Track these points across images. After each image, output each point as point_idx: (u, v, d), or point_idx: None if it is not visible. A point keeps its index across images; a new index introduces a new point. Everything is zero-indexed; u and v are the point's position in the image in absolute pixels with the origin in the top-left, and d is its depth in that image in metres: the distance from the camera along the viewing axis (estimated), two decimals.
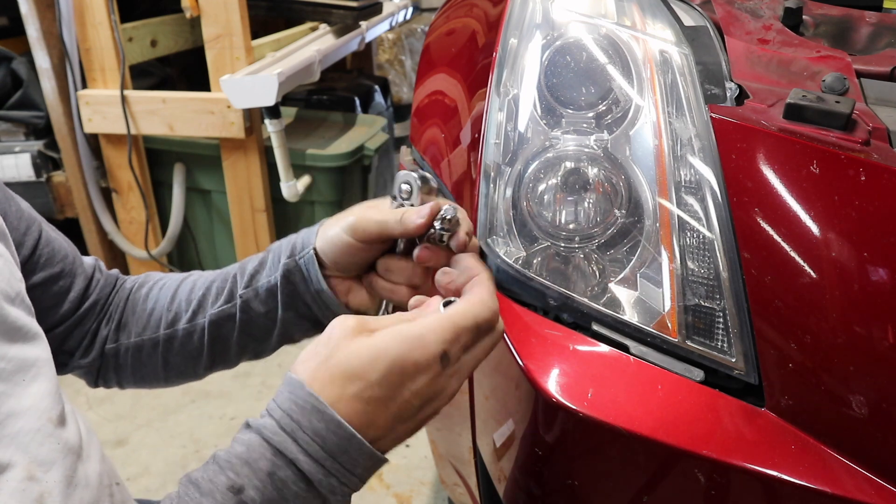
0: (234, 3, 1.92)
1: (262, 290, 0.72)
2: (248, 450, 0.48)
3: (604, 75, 0.72)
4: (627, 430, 0.56)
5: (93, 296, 0.75)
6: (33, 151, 2.17)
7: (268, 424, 0.49)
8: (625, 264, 0.65)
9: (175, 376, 0.78)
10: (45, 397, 0.44)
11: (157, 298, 0.76)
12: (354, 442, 0.49)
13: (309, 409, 0.48)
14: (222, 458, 0.48)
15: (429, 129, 0.98)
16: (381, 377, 0.49)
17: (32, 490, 0.40)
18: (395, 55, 3.88)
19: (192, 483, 0.48)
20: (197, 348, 0.75)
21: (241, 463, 0.48)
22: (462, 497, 1.06)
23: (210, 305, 0.74)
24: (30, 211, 0.70)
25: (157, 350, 0.76)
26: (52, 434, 0.43)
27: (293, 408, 0.49)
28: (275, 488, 0.47)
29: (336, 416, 0.48)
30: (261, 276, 0.72)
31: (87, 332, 0.76)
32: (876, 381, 0.53)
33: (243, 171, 2.12)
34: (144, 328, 0.76)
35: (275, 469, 0.47)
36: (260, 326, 0.74)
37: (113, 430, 1.88)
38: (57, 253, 0.71)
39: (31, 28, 1.99)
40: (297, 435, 0.48)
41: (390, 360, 0.49)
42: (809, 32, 0.84)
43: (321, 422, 0.48)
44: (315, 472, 0.48)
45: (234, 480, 0.47)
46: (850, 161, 0.57)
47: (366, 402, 0.49)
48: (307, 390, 0.49)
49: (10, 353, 0.44)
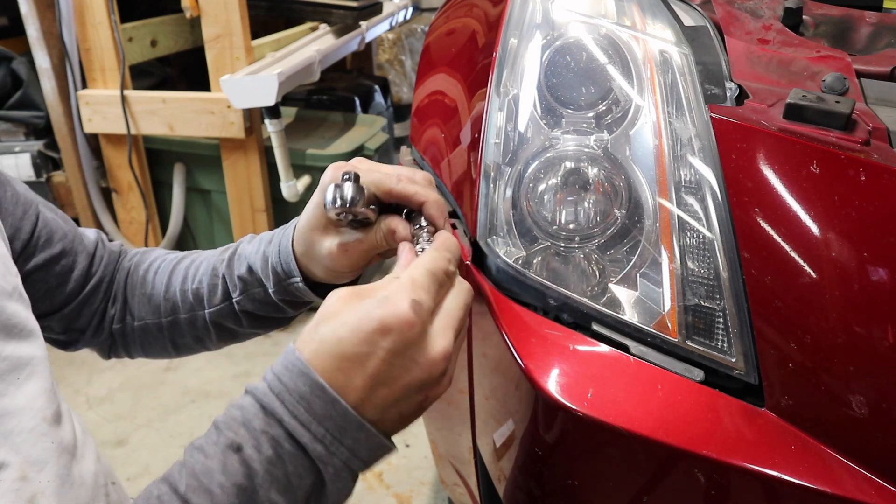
0: (234, 3, 1.92)
1: (258, 298, 0.73)
2: (242, 412, 0.49)
3: (604, 75, 0.72)
4: (627, 430, 0.56)
5: (98, 273, 0.76)
6: (33, 151, 2.17)
7: (259, 386, 0.50)
8: (625, 264, 0.65)
9: (186, 352, 0.80)
10: (39, 396, 0.44)
11: (154, 284, 0.77)
12: (338, 407, 0.48)
13: (296, 372, 0.49)
14: (220, 421, 0.50)
15: (429, 129, 0.98)
16: (350, 333, 0.49)
17: (25, 490, 0.40)
18: (395, 55, 3.88)
19: (196, 448, 0.49)
20: (203, 333, 0.77)
21: (237, 424, 0.49)
22: (462, 497, 1.06)
23: (207, 304, 0.75)
24: (26, 193, 0.70)
25: (163, 333, 0.78)
26: (47, 433, 0.43)
27: (283, 370, 0.50)
28: (270, 446, 0.48)
29: (319, 379, 0.48)
30: (252, 287, 0.73)
31: (96, 311, 0.77)
32: (876, 381, 0.53)
33: (243, 171, 2.12)
34: (147, 312, 0.77)
35: (267, 427, 0.48)
36: (267, 317, 0.76)
37: (113, 430, 1.88)
38: (55, 233, 0.72)
39: (31, 28, 1.99)
40: (283, 396, 0.49)
41: (358, 317, 0.49)
42: (809, 32, 0.84)
43: (306, 385, 0.49)
44: (302, 434, 0.48)
45: (233, 439, 0.48)
46: (850, 161, 0.57)
47: (338, 357, 0.49)
48: (296, 354, 0.50)
49: (5, 351, 0.44)
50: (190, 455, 0.49)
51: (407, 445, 1.81)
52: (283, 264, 0.71)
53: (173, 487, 0.47)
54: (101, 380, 2.07)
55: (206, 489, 0.46)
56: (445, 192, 0.87)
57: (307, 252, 0.69)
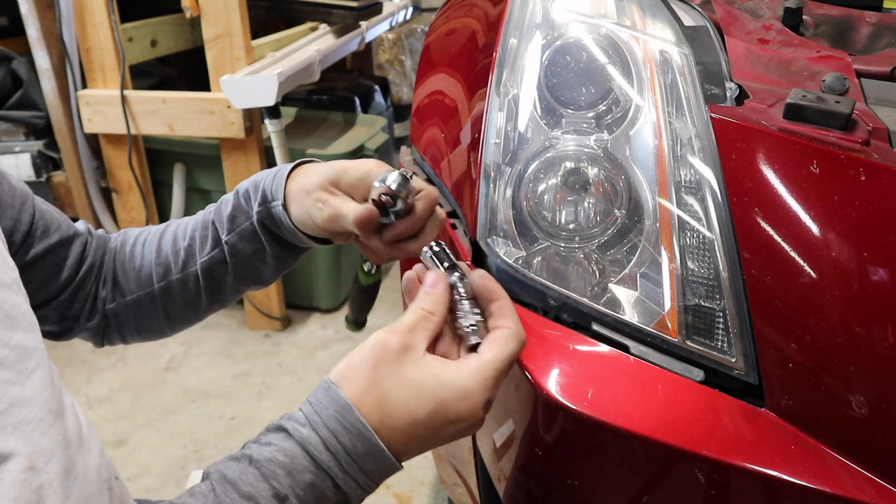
0: (234, 3, 1.92)
1: (245, 233, 0.75)
2: (291, 461, 0.51)
3: (604, 75, 0.72)
4: (627, 430, 0.56)
5: (88, 259, 0.78)
6: (33, 151, 2.17)
7: (313, 441, 0.52)
8: (625, 264, 0.65)
9: (178, 323, 0.82)
10: (45, 387, 0.44)
11: (143, 255, 0.79)
12: (389, 464, 0.53)
13: (356, 433, 0.51)
14: (263, 464, 0.51)
15: (429, 129, 0.98)
16: (426, 419, 0.53)
17: (33, 481, 0.40)
18: (395, 55, 3.88)
19: (229, 483, 0.50)
20: (194, 294, 0.78)
21: (284, 473, 0.51)
22: (462, 497, 1.06)
23: (198, 254, 0.77)
24: (21, 186, 0.71)
25: (156, 302, 0.79)
26: (53, 425, 0.43)
27: (340, 429, 0.52)
28: (314, 496, 0.51)
29: (380, 444, 0.52)
30: (239, 219, 0.75)
31: (88, 295, 0.78)
32: (876, 381, 0.53)
33: (243, 171, 2.12)
34: (139, 285, 0.79)
35: (316, 480, 0.51)
36: (252, 265, 0.77)
37: (113, 430, 1.88)
38: (51, 223, 0.74)
39: (31, 28, 1.99)
40: (340, 457, 0.51)
41: (435, 405, 0.52)
42: (809, 32, 0.84)
43: (364, 447, 0.52)
44: (349, 484, 0.52)
45: (279, 490, 0.50)
46: (850, 161, 0.57)
47: (408, 436, 0.53)
48: (356, 415, 0.52)
49: (12, 340, 0.44)
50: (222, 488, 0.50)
51: None
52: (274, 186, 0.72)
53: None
54: (101, 380, 2.07)
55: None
56: (445, 192, 0.87)
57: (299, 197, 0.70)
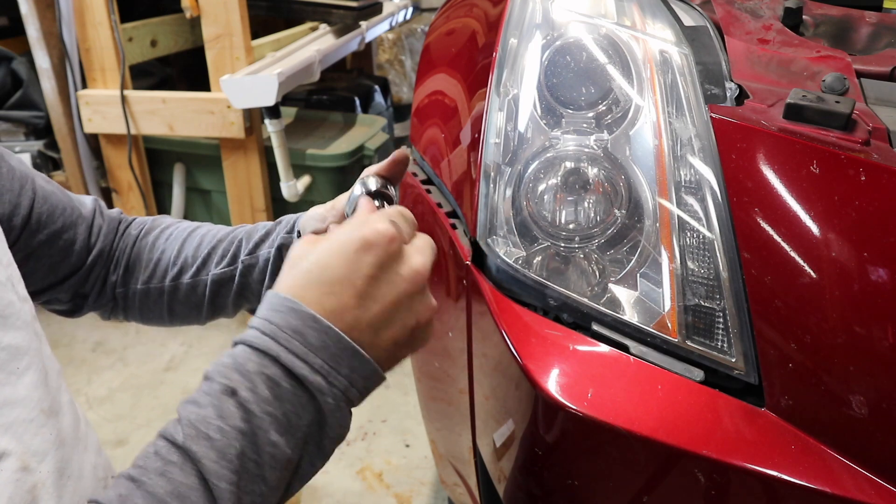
0: (234, 3, 1.92)
1: (261, 260, 0.75)
2: (234, 359, 0.49)
3: (604, 75, 0.72)
4: (627, 430, 0.56)
5: (98, 244, 0.77)
6: (33, 151, 2.17)
7: (249, 333, 0.50)
8: (625, 264, 0.65)
9: (179, 321, 0.82)
10: (37, 387, 0.44)
11: (164, 249, 0.79)
12: (332, 334, 0.49)
13: (284, 310, 0.49)
14: (211, 371, 0.49)
15: (429, 129, 0.98)
16: (333, 257, 0.50)
17: (26, 481, 0.40)
18: (395, 55, 3.88)
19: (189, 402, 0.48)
20: (199, 301, 0.79)
21: (229, 370, 0.48)
22: (462, 497, 1.06)
23: (214, 265, 0.77)
24: (21, 167, 0.70)
25: (163, 298, 0.79)
26: (45, 425, 0.43)
27: (270, 313, 0.49)
28: (267, 387, 0.48)
29: (310, 310, 0.49)
30: (264, 245, 0.76)
31: (98, 276, 0.78)
32: (876, 381, 0.53)
33: (243, 171, 2.12)
34: (151, 276, 0.79)
35: (262, 368, 0.48)
36: (254, 292, 0.77)
37: (113, 430, 1.88)
38: (56, 208, 0.72)
39: (31, 28, 1.99)
40: (276, 335, 0.48)
41: (339, 242, 0.51)
42: (809, 32, 0.84)
43: (297, 319, 0.49)
44: (300, 367, 0.48)
45: (226, 384, 0.47)
46: (850, 161, 0.57)
47: (328, 283, 0.50)
48: (281, 296, 0.50)
49: (3, 340, 0.43)
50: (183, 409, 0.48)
51: (407, 445, 1.81)
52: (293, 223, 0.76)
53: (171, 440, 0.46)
54: (101, 380, 2.07)
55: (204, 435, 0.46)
56: (445, 192, 0.87)
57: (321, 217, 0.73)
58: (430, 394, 1.01)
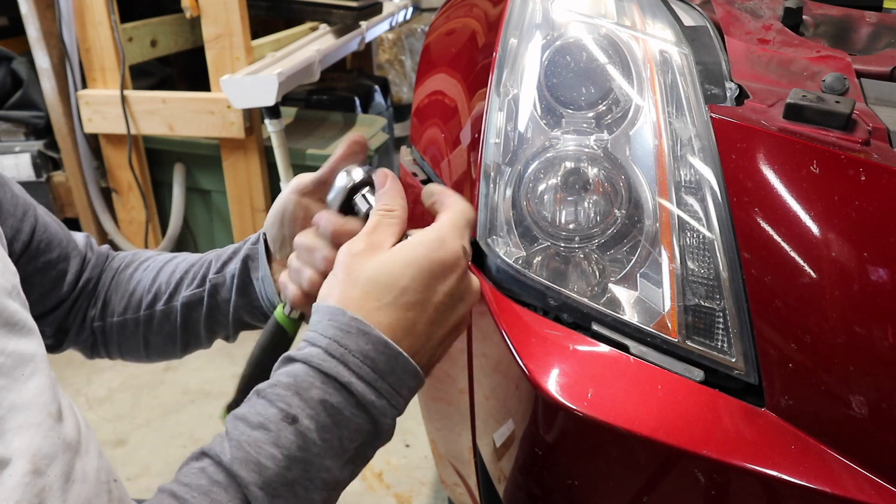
0: (234, 3, 1.92)
1: (228, 276, 0.73)
2: (295, 380, 0.47)
3: (604, 75, 0.72)
4: (627, 430, 0.56)
5: (85, 276, 0.77)
6: (33, 151, 2.17)
7: (314, 353, 0.48)
8: (625, 264, 0.65)
9: (155, 354, 0.80)
10: (43, 392, 0.44)
11: (140, 279, 0.78)
12: (401, 360, 0.49)
13: (354, 332, 0.48)
14: (268, 391, 0.47)
15: (429, 129, 0.98)
16: (413, 281, 0.49)
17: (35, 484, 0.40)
18: (395, 55, 3.88)
19: (239, 419, 0.47)
20: (172, 329, 0.77)
21: (290, 394, 0.46)
22: (462, 497, 1.06)
23: (185, 288, 0.75)
24: (24, 195, 0.70)
25: (139, 329, 0.77)
26: (53, 429, 0.43)
27: (338, 333, 0.48)
28: (328, 415, 0.46)
29: (382, 336, 0.48)
30: (231, 262, 0.74)
31: (80, 310, 0.78)
32: (876, 381, 0.53)
33: (243, 171, 2.12)
34: (126, 308, 0.77)
35: (326, 396, 0.46)
36: (223, 312, 0.75)
37: (113, 430, 1.88)
38: (54, 238, 0.73)
39: (31, 28, 1.99)
40: (346, 359, 0.47)
41: (418, 264, 0.50)
42: (809, 32, 0.84)
43: (368, 343, 0.48)
44: (368, 394, 0.47)
45: (287, 411, 0.46)
46: (850, 161, 0.57)
47: (404, 308, 0.49)
48: (349, 314, 0.48)
49: (9, 347, 0.44)
50: (233, 426, 0.47)
51: (407, 445, 1.81)
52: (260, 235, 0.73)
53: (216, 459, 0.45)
54: (101, 380, 2.07)
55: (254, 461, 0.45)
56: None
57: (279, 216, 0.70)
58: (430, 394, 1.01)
